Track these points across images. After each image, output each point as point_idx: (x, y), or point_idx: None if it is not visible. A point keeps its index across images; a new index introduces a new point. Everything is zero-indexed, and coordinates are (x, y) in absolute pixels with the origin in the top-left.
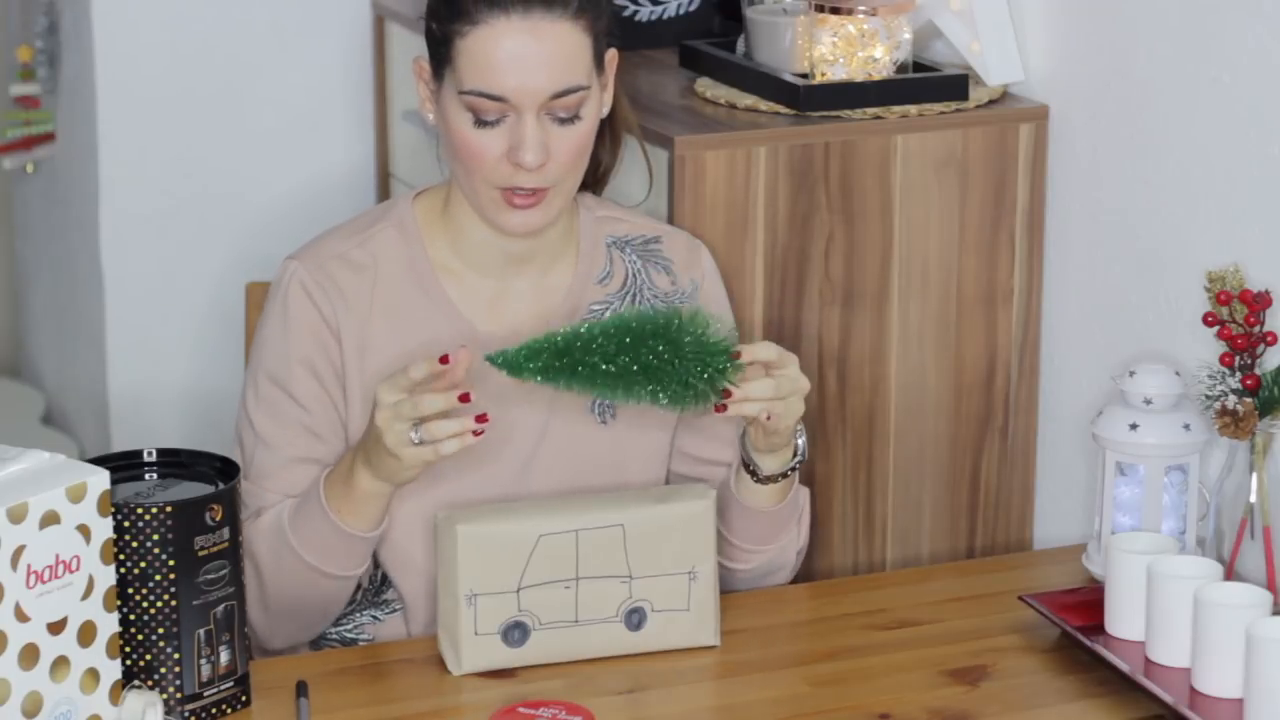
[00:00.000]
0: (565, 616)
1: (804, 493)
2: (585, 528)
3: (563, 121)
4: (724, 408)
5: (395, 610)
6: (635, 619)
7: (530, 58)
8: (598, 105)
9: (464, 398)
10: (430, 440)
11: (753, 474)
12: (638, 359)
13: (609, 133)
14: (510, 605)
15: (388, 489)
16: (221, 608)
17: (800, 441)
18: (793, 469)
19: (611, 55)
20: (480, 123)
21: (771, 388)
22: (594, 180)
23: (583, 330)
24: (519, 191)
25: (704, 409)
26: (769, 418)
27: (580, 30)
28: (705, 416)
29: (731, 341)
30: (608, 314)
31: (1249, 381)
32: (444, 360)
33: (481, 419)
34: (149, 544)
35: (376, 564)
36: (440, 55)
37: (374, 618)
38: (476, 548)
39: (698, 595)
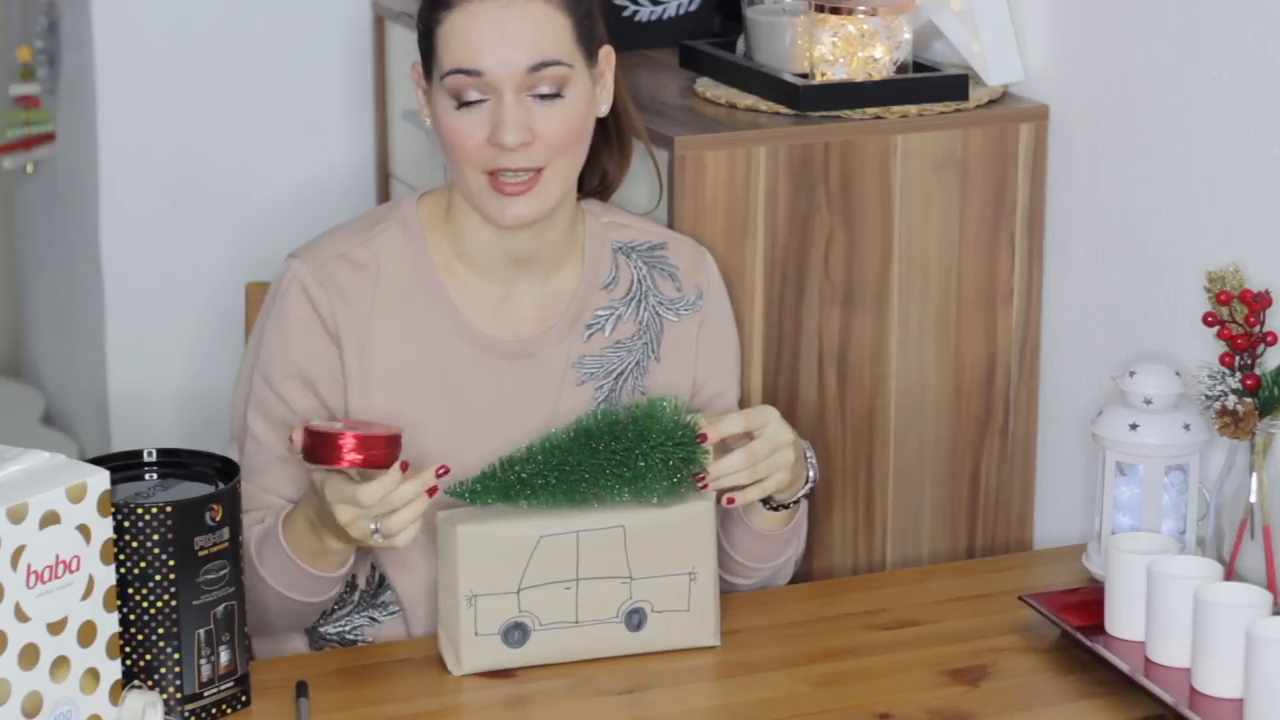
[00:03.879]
0: (565, 617)
1: (803, 503)
2: (586, 529)
3: (544, 99)
4: (706, 485)
5: (393, 612)
6: (635, 619)
7: (505, 33)
8: (587, 91)
9: (404, 466)
10: (388, 534)
11: (764, 500)
12: (596, 462)
13: (617, 143)
14: (510, 606)
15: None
16: (221, 608)
17: (811, 473)
18: (806, 495)
19: (606, 52)
20: (462, 104)
21: (745, 459)
22: (600, 190)
23: (536, 444)
24: (506, 178)
25: (689, 490)
26: (730, 501)
27: (556, 10)
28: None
29: (696, 425)
30: (612, 319)
31: (1249, 381)
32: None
33: (441, 471)
34: (149, 544)
35: (374, 565)
36: (426, 51)
37: (372, 619)
38: (477, 548)
39: (698, 596)
